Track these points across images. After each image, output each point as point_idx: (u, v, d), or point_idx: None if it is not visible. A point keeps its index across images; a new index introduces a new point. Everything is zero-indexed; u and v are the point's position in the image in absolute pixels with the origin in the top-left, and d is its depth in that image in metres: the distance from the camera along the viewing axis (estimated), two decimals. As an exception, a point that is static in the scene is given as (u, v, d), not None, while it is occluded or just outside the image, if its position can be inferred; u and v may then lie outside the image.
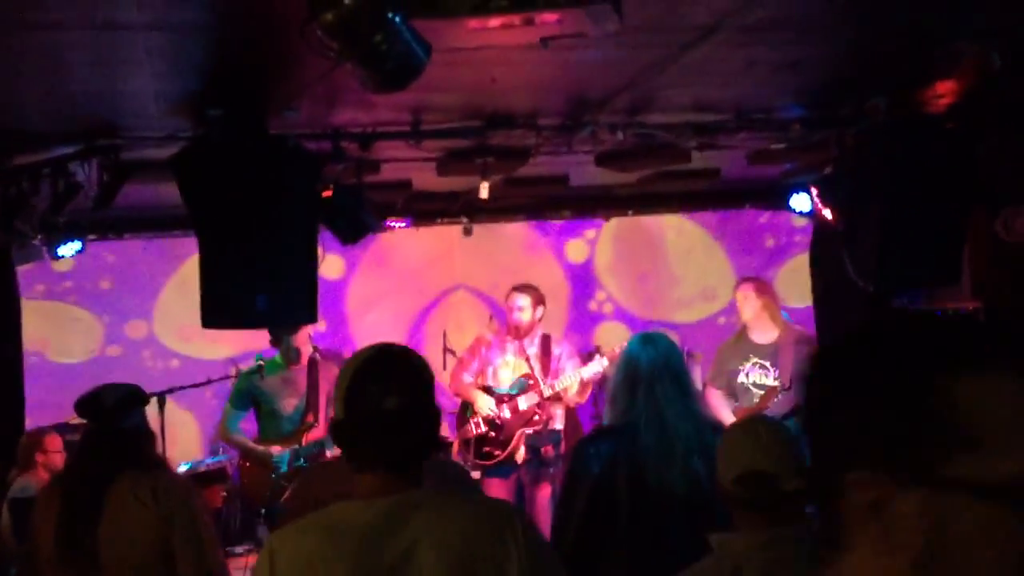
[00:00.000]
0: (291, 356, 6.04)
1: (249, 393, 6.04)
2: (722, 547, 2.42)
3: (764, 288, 6.35)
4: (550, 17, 3.07)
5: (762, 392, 6.02)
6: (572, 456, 3.60)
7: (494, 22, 3.05)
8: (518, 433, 6.15)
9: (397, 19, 3.02)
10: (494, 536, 1.98)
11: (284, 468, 5.76)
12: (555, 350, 6.45)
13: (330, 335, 8.63)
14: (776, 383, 6.01)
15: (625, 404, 3.39)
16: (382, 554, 1.93)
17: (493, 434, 6.24)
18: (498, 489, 6.10)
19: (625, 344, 3.66)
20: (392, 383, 2.01)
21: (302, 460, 5.78)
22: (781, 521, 2.37)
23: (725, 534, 2.45)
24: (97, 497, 3.37)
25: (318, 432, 5.83)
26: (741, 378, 6.16)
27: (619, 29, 3.10)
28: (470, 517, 2.01)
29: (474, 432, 6.25)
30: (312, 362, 6.08)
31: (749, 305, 6.25)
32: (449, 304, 9.14)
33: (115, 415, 3.49)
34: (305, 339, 6.06)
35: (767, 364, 6.10)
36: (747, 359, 6.17)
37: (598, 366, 6.27)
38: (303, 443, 5.87)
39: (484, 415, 6.23)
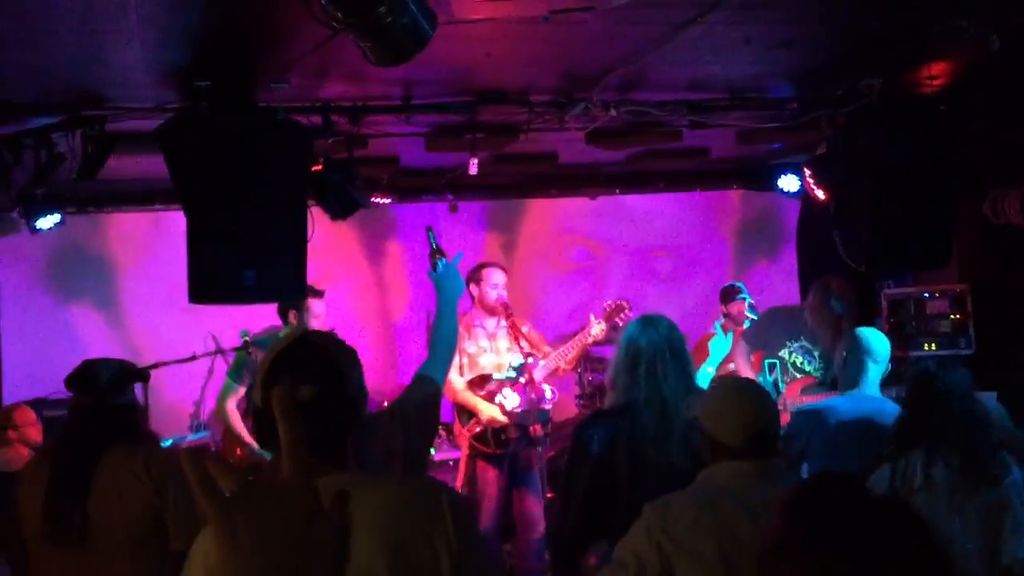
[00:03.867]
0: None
1: (247, 368, 5.93)
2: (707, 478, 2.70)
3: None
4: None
5: (799, 376, 5.80)
6: (572, 441, 3.62)
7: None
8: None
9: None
10: (425, 516, 1.95)
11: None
12: (520, 325, 6.18)
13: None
14: (817, 373, 5.75)
15: (626, 384, 3.43)
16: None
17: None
18: (492, 473, 5.98)
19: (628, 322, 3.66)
20: (305, 373, 2.00)
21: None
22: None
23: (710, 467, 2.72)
24: (86, 472, 3.31)
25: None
26: (783, 352, 5.87)
27: (627, 2, 3.05)
28: (399, 499, 1.97)
29: (483, 426, 6.01)
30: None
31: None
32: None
33: (109, 391, 3.43)
34: (317, 314, 5.90)
35: (813, 351, 5.82)
36: (796, 338, 5.86)
37: (598, 329, 6.15)
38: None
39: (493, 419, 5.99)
